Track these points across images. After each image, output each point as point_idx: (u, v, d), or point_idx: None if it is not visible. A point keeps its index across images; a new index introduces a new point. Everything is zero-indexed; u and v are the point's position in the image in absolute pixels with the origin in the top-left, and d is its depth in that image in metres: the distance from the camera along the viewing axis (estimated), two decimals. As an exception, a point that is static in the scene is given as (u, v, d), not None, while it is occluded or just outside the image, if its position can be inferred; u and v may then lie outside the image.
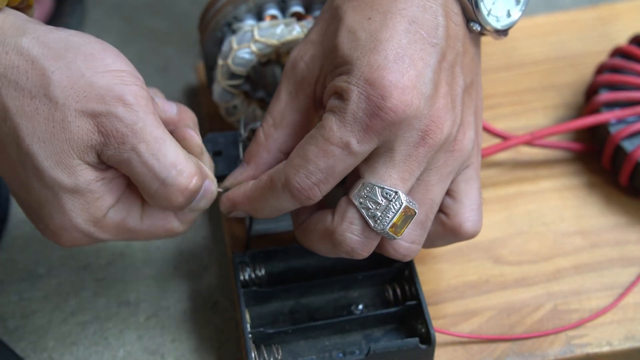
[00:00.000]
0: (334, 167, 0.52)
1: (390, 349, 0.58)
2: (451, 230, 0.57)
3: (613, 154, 0.68)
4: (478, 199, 0.57)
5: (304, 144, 0.53)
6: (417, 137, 0.52)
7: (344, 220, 0.54)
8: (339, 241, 0.54)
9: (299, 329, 0.60)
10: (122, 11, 0.85)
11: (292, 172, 0.53)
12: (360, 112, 0.51)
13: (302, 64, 0.56)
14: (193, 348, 0.64)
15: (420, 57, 0.52)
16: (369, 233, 0.54)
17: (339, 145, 0.52)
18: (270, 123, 0.57)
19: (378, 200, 0.53)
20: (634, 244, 0.67)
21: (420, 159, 0.53)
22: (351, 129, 0.52)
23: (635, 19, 0.80)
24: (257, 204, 0.56)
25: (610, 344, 0.62)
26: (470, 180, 0.57)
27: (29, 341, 0.64)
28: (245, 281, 0.62)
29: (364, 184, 0.53)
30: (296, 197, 0.53)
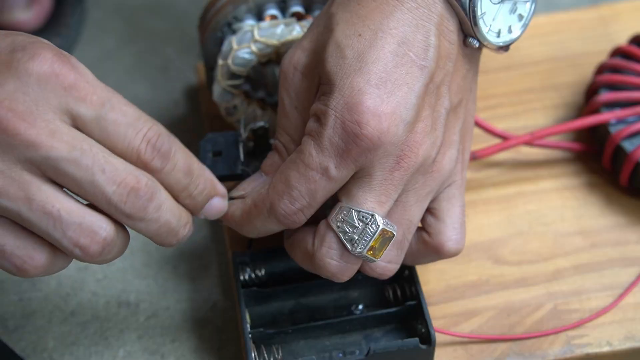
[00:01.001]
0: (316, 192, 0.53)
1: (390, 349, 0.58)
2: (433, 248, 0.57)
3: (613, 154, 0.68)
4: (460, 217, 0.57)
5: (285, 168, 0.53)
6: (392, 162, 0.52)
7: (323, 245, 0.54)
8: (319, 266, 0.54)
9: (299, 329, 0.60)
10: (122, 11, 0.85)
11: (276, 198, 0.53)
12: (335, 137, 0.51)
13: (299, 75, 0.55)
14: (193, 348, 0.64)
15: (405, 81, 0.52)
16: (348, 257, 0.54)
17: (318, 170, 0.52)
18: (288, 139, 0.56)
19: (355, 223, 0.53)
20: (634, 244, 0.67)
21: (396, 183, 0.53)
22: (328, 154, 0.52)
23: (635, 19, 0.80)
24: (247, 227, 0.56)
25: (610, 344, 0.62)
26: (453, 199, 0.57)
27: (29, 341, 0.64)
28: (245, 281, 0.62)
29: (341, 208, 0.53)
30: (282, 222, 0.54)
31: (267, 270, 0.63)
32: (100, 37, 0.82)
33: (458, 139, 0.56)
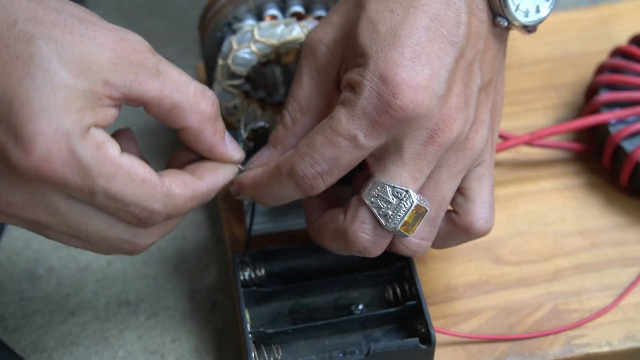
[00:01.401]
0: (339, 159, 0.53)
1: (390, 349, 0.58)
2: (463, 228, 0.57)
3: (613, 154, 0.68)
4: (490, 196, 0.58)
5: (313, 133, 0.54)
6: (426, 136, 0.53)
7: (356, 220, 0.54)
8: (352, 240, 0.54)
9: (299, 329, 0.60)
10: (122, 11, 0.85)
11: (297, 159, 0.54)
12: (369, 107, 0.52)
13: (324, 48, 0.56)
14: (193, 348, 0.64)
15: (438, 55, 0.52)
16: (381, 232, 0.54)
17: (346, 137, 0.52)
18: (296, 108, 0.57)
19: (389, 199, 0.53)
20: (634, 244, 0.67)
21: (429, 158, 0.53)
22: (359, 122, 0.52)
23: (635, 19, 0.80)
24: (262, 190, 0.56)
25: (610, 344, 0.62)
26: (482, 179, 0.57)
27: (29, 341, 0.64)
28: (245, 281, 0.62)
29: (375, 183, 0.53)
30: (300, 185, 0.54)
31: (267, 270, 0.63)
32: (100, 37, 0.82)
33: (489, 117, 0.57)
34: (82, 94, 0.48)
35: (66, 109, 0.48)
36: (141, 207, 0.51)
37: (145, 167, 0.51)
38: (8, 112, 0.47)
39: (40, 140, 0.47)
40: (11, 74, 0.47)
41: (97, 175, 0.49)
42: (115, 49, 0.50)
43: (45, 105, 0.47)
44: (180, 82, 0.52)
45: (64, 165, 0.48)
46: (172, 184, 0.53)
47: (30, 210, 0.50)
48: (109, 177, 0.49)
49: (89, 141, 0.49)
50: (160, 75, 0.51)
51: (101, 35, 0.50)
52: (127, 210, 0.51)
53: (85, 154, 0.49)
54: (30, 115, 0.47)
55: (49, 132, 0.48)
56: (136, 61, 0.50)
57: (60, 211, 0.50)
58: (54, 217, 0.51)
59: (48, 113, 0.47)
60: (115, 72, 0.50)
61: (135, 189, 0.51)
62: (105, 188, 0.50)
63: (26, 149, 0.48)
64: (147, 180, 0.51)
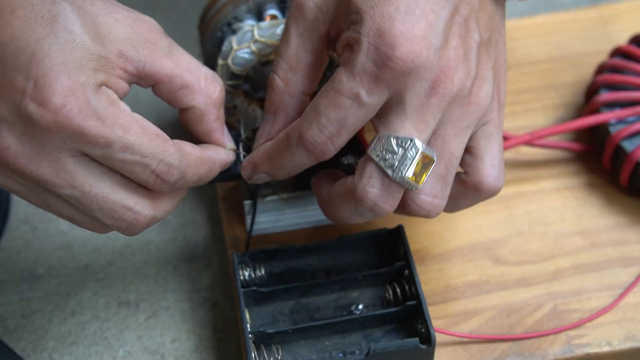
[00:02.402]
0: (346, 120, 0.53)
1: (390, 349, 0.58)
2: (472, 187, 0.57)
3: (613, 154, 0.68)
4: (499, 154, 0.57)
5: (317, 98, 0.54)
6: (427, 87, 0.53)
7: (364, 176, 0.54)
8: (361, 197, 0.54)
9: (299, 329, 0.60)
10: (122, 11, 0.85)
11: (305, 126, 0.54)
12: (369, 63, 0.52)
13: (312, 4, 0.56)
14: (193, 348, 0.64)
15: (432, 9, 0.53)
16: (389, 184, 0.54)
17: (349, 96, 0.52)
18: (285, 68, 0.57)
19: (394, 149, 0.53)
20: (634, 244, 0.67)
21: (433, 110, 0.53)
22: (360, 80, 0.52)
23: (635, 19, 0.80)
24: (276, 162, 0.56)
25: (610, 344, 0.62)
26: (490, 137, 0.57)
27: (29, 341, 0.64)
28: (245, 281, 0.62)
29: (379, 138, 0.53)
30: (311, 151, 0.54)
31: (267, 270, 0.63)
32: (100, 37, 0.82)
33: (492, 75, 0.57)
34: (97, 58, 0.51)
35: (83, 66, 0.50)
36: (158, 159, 0.52)
37: (155, 126, 0.53)
38: (29, 62, 0.49)
39: (59, 88, 0.49)
40: (35, 30, 0.50)
41: (112, 124, 0.50)
42: (131, 25, 0.52)
43: (64, 60, 0.50)
44: (192, 64, 0.54)
45: (80, 114, 0.50)
46: (182, 143, 0.54)
47: (37, 164, 0.51)
48: (125, 128, 0.51)
49: (103, 95, 0.51)
50: (173, 55, 0.54)
51: (118, 12, 0.52)
52: (144, 163, 0.52)
53: (100, 105, 0.50)
54: (51, 66, 0.49)
55: (67, 82, 0.49)
56: (151, 39, 0.53)
57: (66, 168, 0.51)
58: (58, 176, 0.51)
59: (67, 67, 0.50)
60: (131, 46, 0.52)
61: (150, 141, 0.52)
62: (122, 137, 0.51)
63: (45, 97, 0.49)
64: (160, 135, 0.53)
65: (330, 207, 0.57)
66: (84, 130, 0.50)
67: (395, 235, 0.64)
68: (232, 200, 0.69)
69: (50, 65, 0.49)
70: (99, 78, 0.51)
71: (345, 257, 0.65)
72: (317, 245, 0.64)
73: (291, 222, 0.67)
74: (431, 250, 0.67)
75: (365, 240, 0.64)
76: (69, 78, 0.49)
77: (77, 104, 0.49)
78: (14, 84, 0.49)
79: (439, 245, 0.67)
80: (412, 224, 0.68)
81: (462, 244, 0.67)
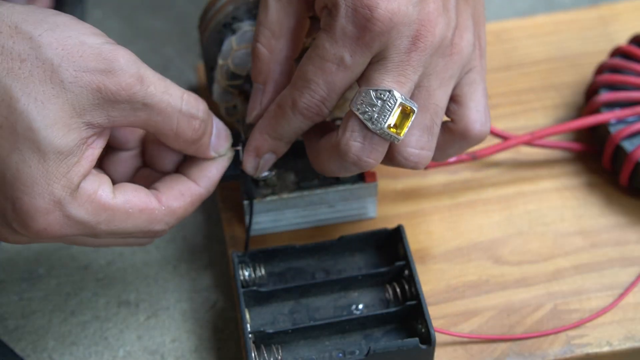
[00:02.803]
0: (334, 83, 0.54)
1: (390, 349, 0.58)
2: (460, 134, 0.58)
3: (613, 154, 0.68)
4: (483, 100, 0.58)
5: (302, 65, 0.54)
6: (407, 43, 0.53)
7: (346, 130, 0.54)
8: (344, 151, 0.54)
9: (299, 329, 0.60)
10: (122, 11, 0.85)
11: (297, 94, 0.55)
12: (349, 26, 0.52)
13: None
14: (193, 348, 0.64)
15: None
16: (372, 137, 0.54)
17: (334, 61, 0.53)
18: (268, 35, 0.57)
19: (374, 102, 0.53)
20: (634, 244, 0.67)
21: (414, 64, 0.53)
22: (342, 44, 0.53)
23: (635, 19, 0.80)
24: (275, 134, 0.57)
25: (610, 344, 0.62)
26: (474, 84, 0.58)
27: (29, 341, 0.64)
28: (245, 281, 0.62)
29: (360, 92, 0.54)
30: (306, 116, 0.55)
31: (267, 270, 0.63)
32: (100, 37, 0.82)
33: (472, 23, 0.57)
34: (69, 152, 0.50)
35: (55, 177, 0.49)
36: (144, 232, 0.54)
37: (140, 195, 0.53)
38: (2, 183, 0.49)
39: (36, 215, 0.50)
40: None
41: (95, 224, 0.52)
42: (99, 89, 0.50)
43: (35, 178, 0.49)
44: (167, 112, 0.52)
45: (62, 228, 0.51)
46: (169, 201, 0.55)
47: (38, 242, 0.53)
48: (108, 221, 0.52)
49: (81, 199, 0.51)
50: (147, 107, 0.52)
51: (84, 74, 0.49)
52: (131, 236, 0.54)
53: (80, 212, 0.51)
54: (23, 189, 0.49)
55: (43, 205, 0.49)
56: (122, 98, 0.50)
57: (67, 240, 0.54)
58: (62, 240, 0.53)
59: (39, 186, 0.49)
60: (100, 112, 0.50)
61: (135, 221, 0.53)
62: (106, 230, 0.52)
63: (24, 222, 0.50)
64: (145, 209, 0.53)
65: (318, 161, 0.58)
66: (68, 236, 0.52)
67: (395, 235, 0.64)
68: (231, 200, 0.69)
69: (23, 189, 0.49)
70: (74, 181, 0.50)
71: (345, 257, 0.65)
72: (317, 245, 0.64)
73: (291, 222, 0.67)
74: (431, 250, 0.67)
75: (365, 240, 0.64)
76: (43, 199, 0.49)
77: (57, 222, 0.50)
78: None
79: (439, 245, 0.67)
80: (412, 224, 0.68)
81: (462, 244, 0.67)
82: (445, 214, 0.69)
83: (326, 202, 0.65)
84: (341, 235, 0.64)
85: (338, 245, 0.64)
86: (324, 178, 0.65)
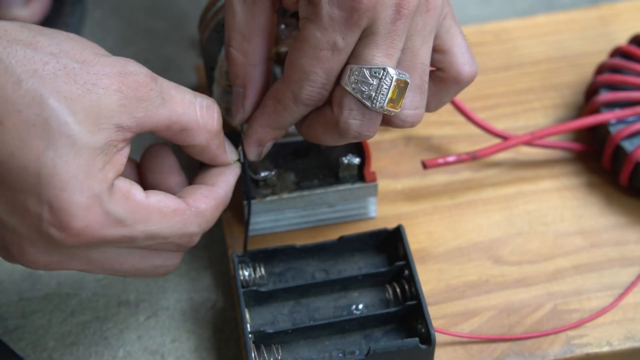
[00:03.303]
0: (331, 68, 0.54)
1: (390, 349, 0.58)
2: (452, 80, 0.59)
3: (613, 154, 0.68)
4: (464, 42, 0.59)
5: (295, 59, 0.55)
6: (392, 12, 0.53)
7: (344, 109, 0.55)
8: (344, 129, 0.55)
9: (299, 329, 0.60)
10: (122, 11, 0.85)
11: (297, 87, 0.55)
12: (335, 11, 0.53)
13: None
14: (193, 348, 0.64)
15: None
16: (370, 114, 0.55)
17: (327, 48, 0.53)
18: (239, 39, 0.56)
19: (369, 81, 0.54)
20: (634, 244, 0.67)
21: (400, 32, 0.54)
22: (332, 29, 0.53)
23: (635, 19, 0.80)
24: (277, 126, 0.58)
25: (610, 344, 0.62)
26: (451, 29, 0.58)
27: (29, 341, 0.64)
28: (245, 281, 0.62)
29: (352, 70, 0.54)
30: (309, 104, 0.56)
31: (267, 270, 0.63)
32: (100, 37, 0.82)
33: None
34: (101, 150, 0.49)
35: (91, 172, 0.49)
36: (180, 235, 0.53)
37: (170, 197, 0.53)
38: (38, 183, 0.48)
39: (77, 211, 0.49)
40: (31, 144, 0.48)
41: (133, 223, 0.51)
42: (120, 89, 0.50)
43: (73, 173, 0.48)
44: (186, 104, 0.53)
45: (102, 227, 0.50)
46: (196, 203, 0.55)
47: (67, 265, 0.52)
48: (145, 220, 0.51)
49: (117, 195, 0.50)
50: (166, 102, 0.52)
51: (104, 77, 0.50)
52: (167, 242, 0.53)
53: (118, 209, 0.50)
54: (62, 186, 0.48)
55: (83, 200, 0.49)
56: (142, 96, 0.51)
57: (95, 261, 0.52)
58: (88, 266, 0.53)
59: (78, 180, 0.48)
60: (126, 114, 0.50)
61: (170, 222, 0.53)
62: (144, 232, 0.52)
63: (64, 221, 0.49)
64: (177, 210, 0.53)
65: (310, 133, 0.58)
66: (107, 239, 0.50)
67: (395, 235, 0.64)
68: (232, 200, 0.68)
69: (61, 185, 0.48)
70: (109, 177, 0.50)
71: (345, 257, 0.65)
72: (317, 245, 0.64)
73: (291, 222, 0.67)
74: (431, 250, 0.67)
75: (365, 240, 0.64)
76: (83, 194, 0.49)
77: (97, 219, 0.49)
78: (27, 207, 0.48)
79: (439, 245, 0.67)
80: (412, 224, 0.68)
81: (462, 244, 0.67)
82: (445, 214, 0.69)
83: (326, 202, 0.65)
84: (341, 235, 0.64)
85: (338, 245, 0.64)
86: (324, 178, 0.65)
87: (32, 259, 0.51)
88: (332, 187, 0.65)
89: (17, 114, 0.48)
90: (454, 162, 0.69)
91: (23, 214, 0.49)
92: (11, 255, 0.51)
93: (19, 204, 0.48)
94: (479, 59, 0.77)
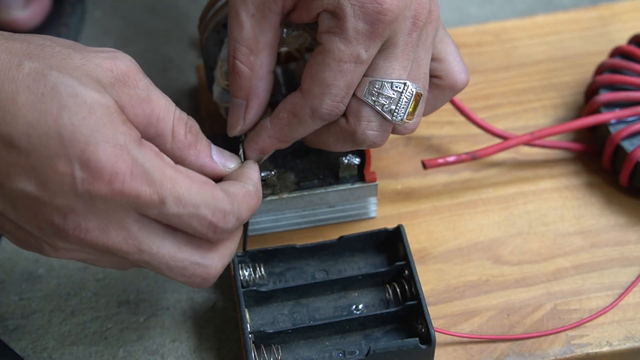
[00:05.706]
0: (352, 81, 0.55)
1: (390, 349, 0.58)
2: (449, 88, 0.61)
3: (613, 154, 0.68)
4: (456, 50, 0.61)
5: (317, 72, 0.55)
6: (410, 24, 0.55)
7: (362, 120, 0.56)
8: (361, 140, 0.57)
9: (299, 329, 0.60)
10: (122, 11, 0.85)
11: (317, 102, 0.55)
12: (360, 24, 0.53)
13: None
14: (193, 348, 0.64)
15: None
16: (387, 125, 0.57)
17: (351, 60, 0.54)
18: (246, 52, 0.56)
19: (390, 94, 0.55)
20: (634, 244, 0.67)
21: (414, 43, 0.56)
22: (357, 42, 0.54)
23: (635, 19, 0.80)
24: (286, 139, 0.58)
25: (610, 344, 0.62)
26: (445, 38, 0.60)
27: (29, 341, 0.64)
28: (245, 281, 0.62)
29: (372, 82, 0.55)
30: (326, 119, 0.56)
31: (267, 270, 0.63)
32: (100, 37, 0.82)
33: None
34: (114, 109, 0.50)
35: (112, 125, 0.49)
36: (211, 208, 0.52)
37: (199, 174, 0.53)
38: (62, 144, 0.49)
39: (106, 159, 0.49)
40: (45, 111, 0.49)
41: (161, 179, 0.50)
42: (111, 69, 0.51)
43: (93, 126, 0.49)
44: (165, 111, 0.53)
45: (132, 177, 0.49)
46: (225, 186, 0.54)
47: (106, 235, 0.51)
48: (173, 180, 0.51)
49: (147, 150, 0.50)
50: (150, 100, 0.52)
51: (94, 57, 0.51)
52: (199, 215, 0.52)
53: (147, 161, 0.50)
54: (86, 140, 0.49)
55: (109, 149, 0.49)
56: (129, 83, 0.52)
57: (133, 234, 0.51)
58: (126, 243, 0.52)
59: (100, 133, 0.49)
60: (116, 91, 0.51)
61: (199, 190, 0.52)
62: (172, 191, 0.51)
63: (95, 172, 0.49)
64: (206, 182, 0.53)
65: (318, 141, 0.59)
66: (138, 192, 0.50)
67: (395, 235, 0.64)
68: (232, 200, 0.68)
69: (85, 139, 0.49)
70: (133, 132, 0.50)
71: (345, 257, 0.65)
72: (317, 245, 0.64)
73: (291, 222, 0.67)
74: (431, 250, 0.67)
75: (365, 240, 0.64)
76: (108, 144, 0.49)
77: (127, 167, 0.49)
78: (58, 171, 0.49)
79: (439, 245, 0.67)
80: (412, 224, 0.68)
81: (462, 244, 0.67)
82: (445, 214, 0.69)
83: (326, 202, 0.65)
84: (341, 235, 0.64)
85: (338, 245, 0.64)
86: (324, 178, 0.65)
87: (74, 224, 0.50)
88: (332, 187, 0.65)
89: (26, 89, 0.49)
90: (454, 162, 0.69)
91: (56, 181, 0.49)
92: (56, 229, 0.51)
93: (51, 172, 0.49)
94: (479, 59, 0.77)
